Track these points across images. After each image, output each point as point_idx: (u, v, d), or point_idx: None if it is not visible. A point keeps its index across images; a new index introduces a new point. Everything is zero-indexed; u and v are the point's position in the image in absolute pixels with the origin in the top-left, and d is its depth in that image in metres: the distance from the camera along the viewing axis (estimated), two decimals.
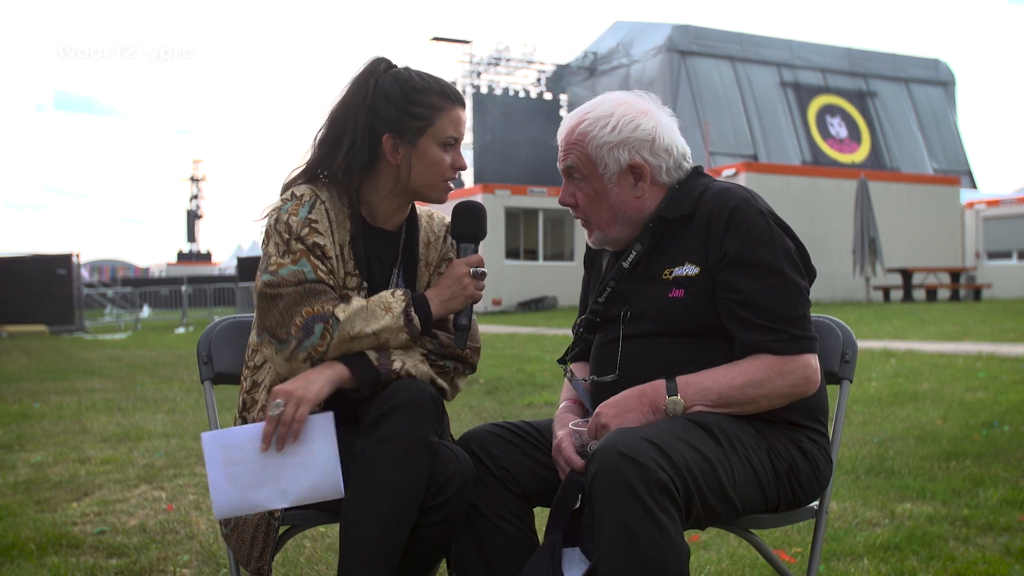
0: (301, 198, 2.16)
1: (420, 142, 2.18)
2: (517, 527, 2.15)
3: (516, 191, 24.10)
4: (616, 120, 2.12)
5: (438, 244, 2.35)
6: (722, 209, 2.06)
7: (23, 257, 24.87)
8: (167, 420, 6.83)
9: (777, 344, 2.00)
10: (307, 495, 2.06)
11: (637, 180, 2.14)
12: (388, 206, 2.25)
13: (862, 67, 36.92)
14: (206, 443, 2.09)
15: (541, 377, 8.49)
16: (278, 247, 2.12)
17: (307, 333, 2.05)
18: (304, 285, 2.08)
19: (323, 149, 2.21)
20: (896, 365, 8.27)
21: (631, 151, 2.12)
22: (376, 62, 2.24)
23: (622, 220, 2.16)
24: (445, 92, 2.21)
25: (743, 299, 2.01)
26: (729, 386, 1.99)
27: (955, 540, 3.35)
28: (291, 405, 2.04)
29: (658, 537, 1.74)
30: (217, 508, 2.06)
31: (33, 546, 3.53)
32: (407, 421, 2.01)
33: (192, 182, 73.27)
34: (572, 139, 2.17)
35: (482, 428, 2.24)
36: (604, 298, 2.20)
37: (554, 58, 38.18)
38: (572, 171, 2.18)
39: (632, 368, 2.10)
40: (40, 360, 13.34)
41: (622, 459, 1.76)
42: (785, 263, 2.04)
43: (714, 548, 3.37)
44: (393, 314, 2.11)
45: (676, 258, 2.10)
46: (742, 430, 1.99)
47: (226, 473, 2.06)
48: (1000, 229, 24.54)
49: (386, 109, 2.17)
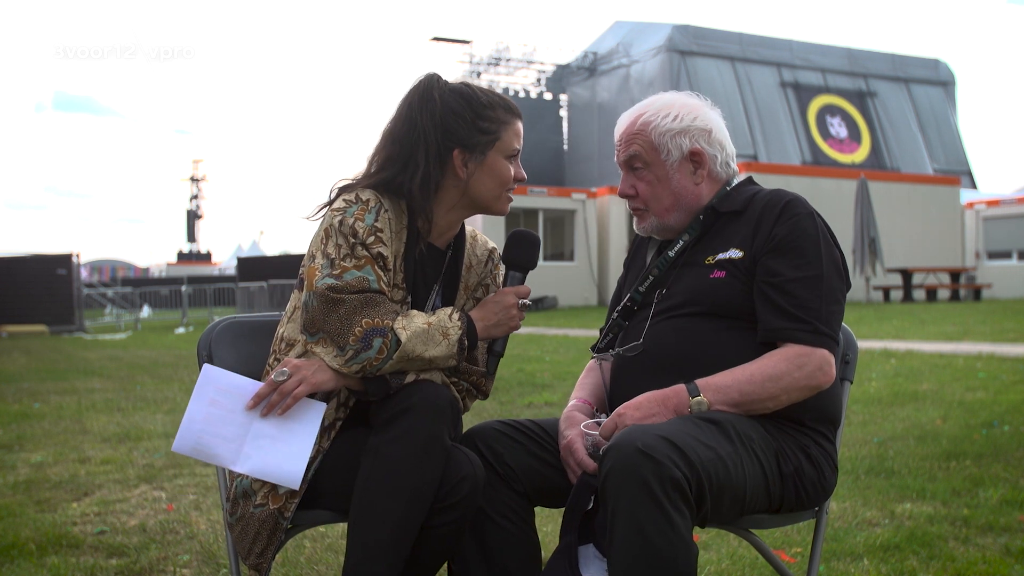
0: (367, 203, 2.14)
1: (489, 156, 2.20)
2: (519, 526, 2.15)
3: (516, 191, 23.53)
4: (677, 110, 2.24)
5: (479, 268, 2.36)
6: (777, 202, 2.15)
7: (23, 257, 24.89)
8: (167, 420, 6.83)
9: (800, 334, 2.03)
10: (263, 471, 2.05)
11: (696, 167, 2.24)
12: (447, 221, 2.26)
13: (862, 67, 36.91)
14: (203, 376, 2.10)
15: (541, 377, 8.49)
16: (340, 249, 2.10)
17: (365, 345, 2.04)
18: (366, 294, 2.07)
19: (393, 168, 2.18)
20: (896, 365, 8.27)
21: (692, 139, 2.23)
22: (432, 77, 2.24)
23: (681, 207, 2.24)
24: (508, 106, 2.24)
25: (779, 283, 2.06)
26: (749, 382, 2.00)
27: (955, 540, 3.35)
28: (295, 379, 2.05)
29: (670, 535, 1.75)
30: (178, 441, 2.07)
31: (33, 546, 3.53)
32: (424, 420, 2.01)
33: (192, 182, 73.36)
34: (634, 129, 2.25)
35: (488, 424, 2.24)
36: (645, 286, 2.24)
37: (554, 58, 38.18)
38: (634, 160, 2.25)
39: (656, 340, 2.14)
40: (40, 360, 13.34)
41: (639, 456, 1.77)
42: (827, 262, 2.10)
43: (714, 548, 3.37)
44: (449, 341, 2.11)
45: (721, 247, 2.16)
46: (753, 429, 2.00)
47: (206, 411, 2.07)
48: (1000, 229, 24.54)
49: (455, 125, 2.18)
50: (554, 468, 2.17)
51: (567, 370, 8.80)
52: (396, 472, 1.98)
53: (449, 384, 2.20)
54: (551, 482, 2.16)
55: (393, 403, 2.05)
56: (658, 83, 32.71)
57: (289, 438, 2.06)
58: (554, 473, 2.16)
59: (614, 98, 35.22)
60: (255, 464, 2.05)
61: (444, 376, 2.19)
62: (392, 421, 2.02)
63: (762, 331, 2.07)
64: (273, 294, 23.09)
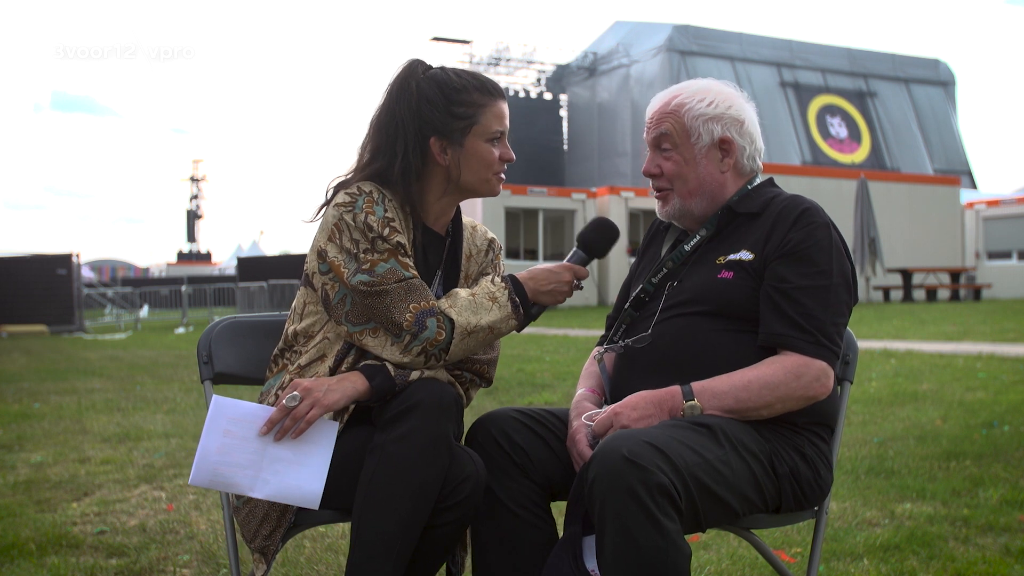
0: (371, 195, 2.14)
1: (467, 141, 2.19)
2: (535, 514, 2.15)
3: (516, 191, 24.09)
4: (713, 96, 2.23)
5: (479, 257, 2.36)
6: (794, 208, 2.14)
7: (23, 257, 24.88)
8: (167, 420, 6.82)
9: (800, 343, 2.02)
10: (283, 494, 2.04)
11: (724, 156, 2.23)
12: (440, 207, 2.26)
13: (862, 67, 36.92)
14: (213, 408, 2.08)
15: (541, 377, 8.49)
16: (359, 244, 2.10)
17: (420, 327, 2.06)
18: (405, 282, 2.08)
19: (382, 159, 2.19)
20: (896, 365, 8.27)
21: (724, 126, 2.21)
22: (413, 64, 2.24)
23: (704, 193, 2.23)
24: (485, 87, 2.22)
25: (786, 289, 2.05)
26: (745, 388, 2.00)
27: (955, 540, 3.35)
28: (307, 402, 2.04)
29: (659, 540, 1.75)
30: (195, 474, 2.05)
31: (33, 546, 3.53)
32: (429, 418, 2.01)
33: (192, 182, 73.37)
34: (668, 109, 2.24)
35: (502, 411, 2.23)
36: (659, 277, 2.24)
37: (554, 58, 38.19)
38: (663, 139, 2.23)
39: (662, 336, 2.14)
40: (40, 360, 13.33)
41: (625, 463, 1.77)
42: (837, 274, 2.09)
43: (714, 548, 3.37)
44: (500, 304, 2.12)
45: (733, 247, 2.16)
46: (745, 432, 1.99)
47: (219, 443, 2.05)
48: (1000, 229, 24.54)
49: (429, 113, 2.18)
50: (567, 458, 2.17)
51: (567, 370, 8.80)
52: (402, 470, 1.97)
53: (453, 381, 2.20)
54: (564, 471, 2.16)
55: (397, 401, 2.04)
56: (658, 83, 32.71)
57: (305, 459, 2.05)
58: (568, 462, 2.16)
59: (614, 98, 35.24)
60: (274, 488, 2.05)
61: (446, 371, 2.19)
62: (397, 419, 2.02)
63: (763, 334, 2.06)
64: (273, 294, 23.09)
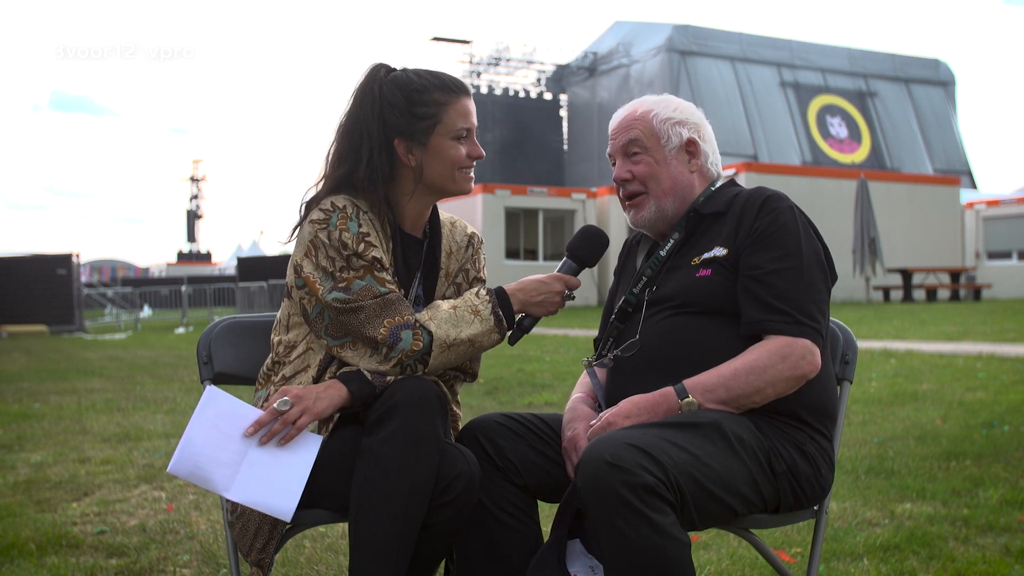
0: (344, 210, 2.13)
1: (431, 141, 2.19)
2: (520, 519, 2.15)
3: (516, 191, 24.09)
4: (676, 104, 2.33)
5: (459, 254, 2.36)
6: (758, 197, 2.19)
7: (23, 257, 24.88)
8: (167, 420, 6.83)
9: (780, 325, 2.03)
10: (256, 500, 2.02)
11: (691, 157, 2.30)
12: (413, 209, 2.26)
13: (862, 67, 36.94)
14: (206, 397, 2.08)
15: (541, 377, 8.49)
16: (334, 262, 2.10)
17: (395, 339, 2.07)
18: (381, 298, 2.09)
19: (346, 164, 2.19)
20: (896, 365, 8.27)
21: (689, 129, 2.30)
22: (376, 69, 2.24)
23: (677, 193, 2.27)
24: (446, 86, 2.21)
25: (759, 275, 2.08)
26: (733, 377, 2.00)
27: (955, 540, 3.35)
28: (297, 409, 2.04)
29: (652, 535, 1.75)
30: (175, 462, 2.04)
31: (33, 546, 3.53)
32: (413, 416, 2.01)
33: (192, 182, 73.35)
34: (636, 116, 2.30)
35: (489, 417, 2.24)
36: (640, 287, 2.26)
37: (554, 58, 38.22)
38: (633, 144, 2.28)
39: (650, 338, 2.15)
40: (40, 360, 13.34)
41: (607, 468, 1.78)
42: (807, 254, 2.12)
43: (714, 548, 3.37)
44: (482, 317, 2.13)
45: (706, 247, 2.19)
46: (742, 428, 1.99)
47: (205, 434, 2.04)
48: (1000, 229, 24.53)
49: (392, 115, 2.17)
50: (554, 462, 2.18)
51: (567, 370, 8.80)
52: (391, 471, 1.98)
53: (436, 378, 2.19)
54: (551, 476, 2.17)
55: (379, 403, 2.05)
56: (658, 83, 32.72)
57: (284, 470, 2.03)
58: (554, 467, 2.17)
59: (614, 98, 35.23)
60: (248, 495, 2.02)
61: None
62: (382, 421, 2.02)
63: (744, 324, 2.07)
64: (273, 294, 23.10)
